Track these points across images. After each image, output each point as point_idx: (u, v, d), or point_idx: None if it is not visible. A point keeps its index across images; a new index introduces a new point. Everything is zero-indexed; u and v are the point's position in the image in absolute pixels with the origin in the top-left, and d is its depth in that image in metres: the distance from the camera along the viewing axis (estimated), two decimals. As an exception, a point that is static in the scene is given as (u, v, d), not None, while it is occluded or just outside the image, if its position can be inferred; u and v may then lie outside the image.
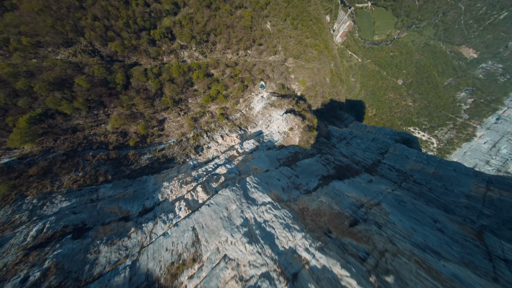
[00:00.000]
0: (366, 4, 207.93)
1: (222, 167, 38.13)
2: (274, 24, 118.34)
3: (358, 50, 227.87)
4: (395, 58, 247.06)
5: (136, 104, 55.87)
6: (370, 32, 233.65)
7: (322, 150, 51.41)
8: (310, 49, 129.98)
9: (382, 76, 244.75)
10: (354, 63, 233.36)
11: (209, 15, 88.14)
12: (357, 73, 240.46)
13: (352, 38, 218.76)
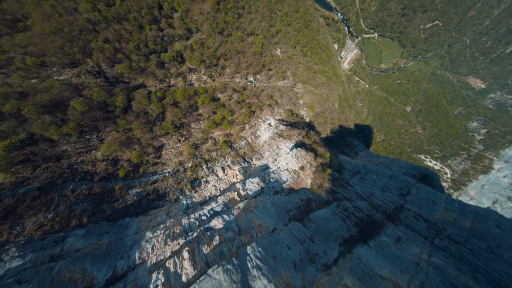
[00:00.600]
0: (373, 35, 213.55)
1: (218, 218, 30.71)
2: (284, 50, 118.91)
3: (365, 77, 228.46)
4: (403, 85, 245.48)
5: (133, 129, 51.17)
6: (377, 60, 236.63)
7: (337, 194, 43.44)
8: (319, 75, 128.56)
9: (390, 102, 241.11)
10: (362, 89, 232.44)
11: (220, 41, 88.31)
12: (365, 98, 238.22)
13: (359, 65, 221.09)
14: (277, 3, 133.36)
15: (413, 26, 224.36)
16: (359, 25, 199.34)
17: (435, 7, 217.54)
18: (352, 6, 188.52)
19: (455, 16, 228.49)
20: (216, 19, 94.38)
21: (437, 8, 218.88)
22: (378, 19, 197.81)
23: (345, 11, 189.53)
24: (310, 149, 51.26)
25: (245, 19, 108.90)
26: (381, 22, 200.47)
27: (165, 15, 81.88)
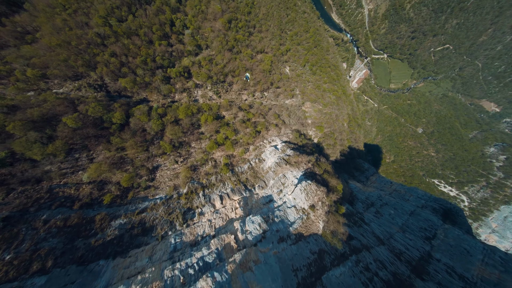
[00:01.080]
0: (382, 56, 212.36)
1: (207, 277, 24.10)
2: (293, 69, 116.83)
3: (374, 96, 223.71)
4: (413, 106, 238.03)
5: (127, 148, 46.74)
6: (386, 80, 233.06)
7: (353, 240, 35.82)
8: (328, 94, 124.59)
9: (400, 122, 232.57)
10: (370, 108, 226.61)
11: (229, 57, 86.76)
12: (374, 117, 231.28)
13: (368, 84, 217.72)
14: (287, 23, 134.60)
15: (423, 48, 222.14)
16: (368, 46, 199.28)
17: (446, 31, 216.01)
18: (362, 28, 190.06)
19: (466, 40, 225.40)
20: (226, 36, 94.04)
21: (447, 32, 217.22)
22: (387, 41, 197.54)
23: (354, 33, 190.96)
24: (321, 181, 44.57)
25: (255, 37, 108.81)
26: (390, 44, 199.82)
27: (176, 32, 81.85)
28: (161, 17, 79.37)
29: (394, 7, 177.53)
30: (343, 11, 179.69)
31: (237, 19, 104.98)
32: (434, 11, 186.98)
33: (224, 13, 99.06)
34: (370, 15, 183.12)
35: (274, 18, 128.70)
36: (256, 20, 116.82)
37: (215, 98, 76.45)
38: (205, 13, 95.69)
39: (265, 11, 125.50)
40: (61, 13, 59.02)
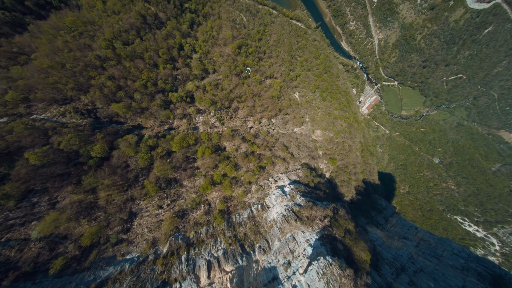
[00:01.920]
0: (393, 83, 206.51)
1: None
2: (302, 94, 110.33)
3: (385, 122, 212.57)
4: (428, 134, 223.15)
5: (99, 190, 37.55)
6: (397, 106, 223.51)
7: None
8: (339, 121, 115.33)
9: (414, 151, 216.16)
10: (382, 134, 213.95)
11: (236, 82, 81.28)
12: (385, 144, 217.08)
13: (379, 110, 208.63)
14: (298, 49, 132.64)
15: (435, 77, 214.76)
16: (378, 73, 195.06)
17: (458, 61, 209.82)
18: (372, 56, 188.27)
19: (480, 71, 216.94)
20: (235, 61, 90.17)
21: (460, 62, 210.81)
22: (398, 69, 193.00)
23: (364, 60, 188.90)
24: (343, 251, 32.42)
25: (265, 63, 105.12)
26: (401, 72, 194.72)
27: (183, 56, 78.44)
28: (170, 41, 76.72)
29: (404, 38, 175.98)
30: (353, 40, 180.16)
31: (248, 45, 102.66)
32: (445, 42, 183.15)
33: (234, 39, 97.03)
34: (380, 44, 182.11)
35: (284, 44, 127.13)
36: (266, 46, 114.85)
37: (218, 126, 68.62)
38: (216, 38, 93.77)
39: (276, 38, 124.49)
40: (64, 35, 56.26)
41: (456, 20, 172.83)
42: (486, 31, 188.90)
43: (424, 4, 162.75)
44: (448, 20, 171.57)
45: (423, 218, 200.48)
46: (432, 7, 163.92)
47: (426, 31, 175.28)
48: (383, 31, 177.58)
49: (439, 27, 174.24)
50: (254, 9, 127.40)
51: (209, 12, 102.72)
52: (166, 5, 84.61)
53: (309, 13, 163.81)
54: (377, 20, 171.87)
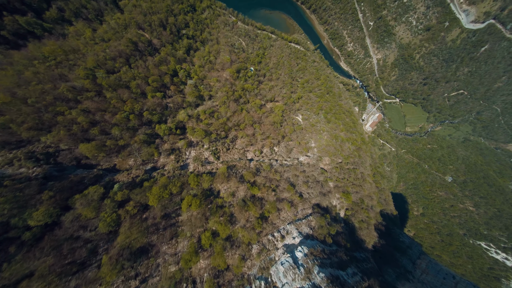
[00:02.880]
0: (395, 100, 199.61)
1: None
2: (306, 117, 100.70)
3: (390, 140, 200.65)
4: (436, 151, 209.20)
5: (25, 286, 24.91)
6: (401, 123, 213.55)
7: None
8: (346, 144, 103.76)
9: (424, 169, 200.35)
10: (388, 152, 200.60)
11: (235, 109, 71.99)
12: (392, 162, 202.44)
13: (383, 127, 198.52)
14: (298, 71, 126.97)
15: (437, 93, 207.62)
16: (379, 91, 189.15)
17: (458, 78, 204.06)
18: (372, 75, 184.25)
19: (480, 86, 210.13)
20: (233, 86, 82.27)
21: (460, 79, 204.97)
22: (399, 87, 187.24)
23: (364, 79, 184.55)
24: None
25: (265, 86, 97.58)
26: (402, 89, 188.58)
27: (176, 82, 70.58)
28: (162, 68, 69.43)
29: (403, 57, 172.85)
30: (352, 60, 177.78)
31: (247, 69, 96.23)
32: (444, 60, 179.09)
33: (233, 63, 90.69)
34: (379, 63, 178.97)
35: (284, 66, 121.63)
36: (266, 69, 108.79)
37: (212, 161, 57.25)
38: (213, 63, 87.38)
39: (275, 61, 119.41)
40: (38, 66, 48.50)
41: (453, 39, 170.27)
42: (483, 49, 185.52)
43: (419, 25, 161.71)
44: (446, 39, 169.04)
45: (443, 244, 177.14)
46: (428, 28, 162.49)
47: (424, 50, 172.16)
48: (381, 51, 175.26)
49: (436, 46, 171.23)
50: (253, 34, 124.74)
51: (207, 38, 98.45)
52: (162, 32, 79.58)
53: (307, 36, 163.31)
54: (374, 41, 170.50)
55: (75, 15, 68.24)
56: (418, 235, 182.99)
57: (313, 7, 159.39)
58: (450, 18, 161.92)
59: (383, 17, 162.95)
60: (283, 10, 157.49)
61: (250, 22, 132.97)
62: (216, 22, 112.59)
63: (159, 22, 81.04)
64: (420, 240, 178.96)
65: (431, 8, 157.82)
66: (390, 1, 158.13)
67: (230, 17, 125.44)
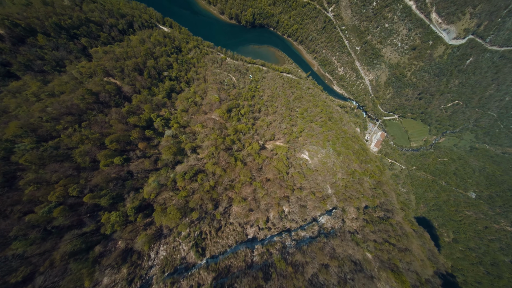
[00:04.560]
0: (394, 117, 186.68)
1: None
2: (313, 153, 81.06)
3: (399, 158, 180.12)
4: (448, 165, 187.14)
5: None
6: (404, 139, 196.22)
7: None
8: (365, 179, 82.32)
9: (442, 186, 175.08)
10: (399, 171, 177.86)
11: (226, 162, 52.39)
12: (406, 182, 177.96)
13: (388, 146, 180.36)
14: (295, 100, 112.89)
15: (434, 106, 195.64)
16: (377, 110, 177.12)
17: (451, 90, 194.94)
18: (367, 95, 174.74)
19: (474, 95, 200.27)
20: (224, 130, 64.40)
21: (453, 90, 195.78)
22: (396, 103, 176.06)
23: (359, 100, 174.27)
24: None
25: (262, 123, 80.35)
26: (400, 106, 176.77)
27: (149, 136, 52.31)
28: (132, 120, 51.94)
29: (394, 76, 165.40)
30: (344, 83, 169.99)
31: (239, 106, 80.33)
32: (435, 75, 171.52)
33: (222, 102, 75.01)
34: (372, 84, 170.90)
35: (280, 98, 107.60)
36: (261, 103, 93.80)
37: (193, 256, 34.73)
38: (200, 105, 71.39)
39: (269, 93, 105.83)
40: None
41: (440, 55, 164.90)
42: (468, 61, 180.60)
43: (405, 46, 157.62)
44: (433, 56, 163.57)
45: (491, 278, 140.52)
46: (414, 48, 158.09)
47: (414, 67, 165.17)
48: (372, 72, 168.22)
49: (426, 63, 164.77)
50: (243, 68, 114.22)
51: (193, 77, 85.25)
52: (136, 76, 64.97)
53: (297, 65, 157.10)
54: (364, 64, 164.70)
55: (26, 68, 53.41)
56: (457, 267, 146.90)
57: (299, 39, 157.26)
58: (433, 37, 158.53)
59: (368, 41, 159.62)
60: (271, 44, 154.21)
61: (240, 57, 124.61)
62: (204, 60, 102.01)
63: (134, 66, 67.11)
64: (462, 274, 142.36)
65: (413, 30, 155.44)
66: (373, 27, 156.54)
67: (218, 55, 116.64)
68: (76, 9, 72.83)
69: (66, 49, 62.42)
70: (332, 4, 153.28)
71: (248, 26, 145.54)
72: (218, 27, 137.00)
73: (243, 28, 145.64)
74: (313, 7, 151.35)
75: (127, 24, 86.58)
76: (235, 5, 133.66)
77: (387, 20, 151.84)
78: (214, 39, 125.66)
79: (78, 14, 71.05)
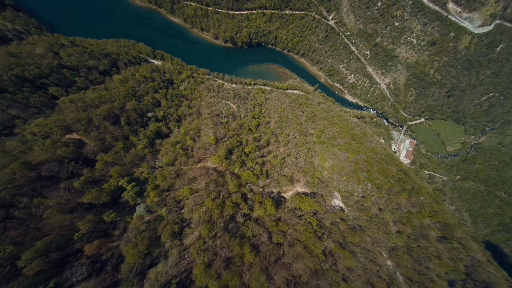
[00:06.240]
0: (420, 120, 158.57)
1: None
2: (347, 195, 57.84)
3: (436, 168, 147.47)
4: (501, 169, 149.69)
5: None
6: (438, 144, 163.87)
7: None
8: (427, 223, 56.62)
9: (503, 199, 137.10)
10: (441, 184, 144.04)
11: (228, 251, 31.82)
12: (453, 197, 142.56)
13: (421, 155, 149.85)
14: (307, 121, 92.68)
15: (466, 102, 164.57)
16: (400, 115, 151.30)
17: (483, 82, 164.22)
18: (385, 101, 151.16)
19: (511, 84, 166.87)
20: (223, 187, 44.82)
21: (486, 82, 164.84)
22: (421, 106, 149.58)
23: (377, 106, 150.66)
24: None
25: (273, 161, 59.97)
26: (426, 108, 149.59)
27: (111, 221, 33.95)
28: (87, 197, 34.65)
29: (415, 76, 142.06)
30: (357, 91, 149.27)
31: (241, 144, 61.54)
32: (464, 68, 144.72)
33: (220, 142, 56.93)
34: (390, 88, 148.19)
35: (290, 121, 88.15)
36: (268, 132, 74.72)
37: None
38: (190, 150, 53.78)
39: (277, 117, 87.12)
40: None
41: (466, 46, 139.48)
42: (498, 48, 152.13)
43: (422, 42, 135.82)
44: (458, 48, 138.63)
45: None
46: (433, 43, 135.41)
47: (437, 64, 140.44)
48: (388, 75, 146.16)
49: (450, 57, 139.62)
50: (243, 92, 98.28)
51: (185, 113, 69.56)
52: (108, 127, 49.60)
53: (302, 79, 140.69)
54: (377, 68, 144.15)
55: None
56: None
57: (301, 52, 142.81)
58: (454, 28, 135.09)
59: (379, 43, 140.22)
60: (271, 61, 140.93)
61: (239, 80, 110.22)
62: (198, 89, 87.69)
63: (107, 113, 52.17)
64: None
65: (428, 24, 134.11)
66: (381, 28, 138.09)
67: (215, 81, 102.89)
68: (48, 56, 62.66)
69: (25, 104, 49.28)
70: (331, 12, 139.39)
71: (244, 46, 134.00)
72: (213, 52, 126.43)
73: (239, 50, 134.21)
74: (312, 17, 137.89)
75: (110, 63, 75.66)
76: (229, 28, 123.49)
77: (396, 18, 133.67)
78: (209, 65, 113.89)
79: (49, 61, 60.15)
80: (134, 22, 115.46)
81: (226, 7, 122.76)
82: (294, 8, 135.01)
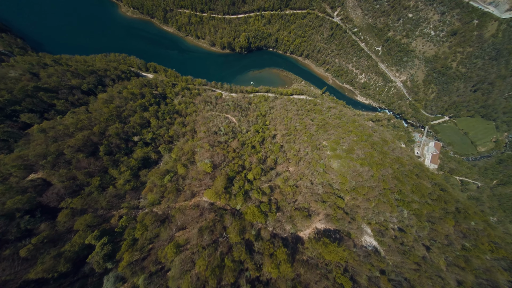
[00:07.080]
0: (444, 119, 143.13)
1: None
2: (379, 230, 46.21)
3: (469, 172, 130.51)
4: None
5: None
6: (467, 144, 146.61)
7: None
8: (489, 260, 43.64)
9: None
10: (477, 191, 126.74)
11: None
12: (493, 206, 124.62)
13: (449, 158, 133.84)
14: (318, 130, 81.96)
15: (495, 96, 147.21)
16: (420, 115, 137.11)
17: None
18: (402, 100, 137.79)
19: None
20: (222, 237, 34.60)
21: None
22: (445, 103, 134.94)
23: (394, 107, 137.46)
24: None
25: (285, 188, 49.51)
26: (451, 105, 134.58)
27: None
28: (37, 270, 25.78)
29: (435, 70, 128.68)
30: (370, 91, 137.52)
31: (244, 168, 51.76)
32: (492, 58, 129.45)
33: (217, 170, 47.52)
34: (407, 85, 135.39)
35: (299, 132, 77.67)
36: (275, 149, 64.53)
37: None
38: (180, 187, 44.56)
39: (284, 129, 77.00)
40: None
41: (493, 34, 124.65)
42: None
43: (440, 33, 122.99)
44: (483, 37, 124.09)
45: None
46: (454, 33, 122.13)
47: (459, 56, 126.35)
48: (404, 72, 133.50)
49: (475, 48, 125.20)
50: (244, 102, 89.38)
51: (178, 132, 61.11)
52: (81, 161, 41.64)
53: (308, 83, 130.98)
54: (390, 64, 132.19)
55: None
56: None
57: (305, 53, 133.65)
58: (477, 15, 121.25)
59: (391, 38, 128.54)
60: (272, 66, 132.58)
61: (239, 88, 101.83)
62: (194, 102, 79.67)
63: (82, 142, 44.30)
64: None
65: (447, 13, 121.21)
66: (393, 21, 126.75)
67: (213, 91, 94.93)
68: (24, 79, 56.85)
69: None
70: (336, 8, 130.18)
71: (243, 52, 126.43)
72: (211, 60, 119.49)
73: (238, 55, 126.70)
74: (315, 16, 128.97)
75: (96, 81, 69.37)
76: (226, 33, 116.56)
77: (409, 9, 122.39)
78: (207, 74, 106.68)
79: (24, 84, 54.02)
80: (126, 35, 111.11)
81: (221, 12, 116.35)
82: (295, 7, 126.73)
